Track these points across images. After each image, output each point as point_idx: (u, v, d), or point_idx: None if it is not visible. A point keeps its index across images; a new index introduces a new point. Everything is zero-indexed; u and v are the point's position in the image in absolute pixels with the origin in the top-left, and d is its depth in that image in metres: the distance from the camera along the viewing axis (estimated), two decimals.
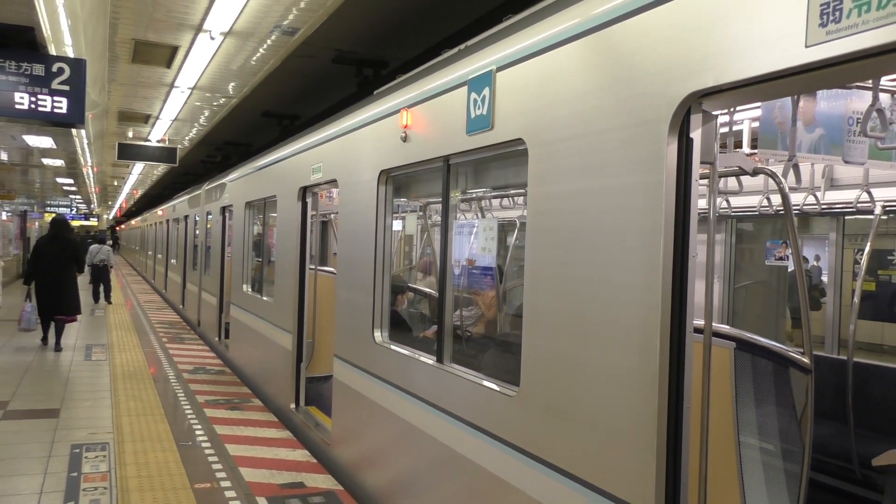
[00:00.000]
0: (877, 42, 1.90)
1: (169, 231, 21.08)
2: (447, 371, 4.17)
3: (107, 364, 10.37)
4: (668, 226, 2.55)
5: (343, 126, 6.05)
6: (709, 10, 2.41)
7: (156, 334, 13.75)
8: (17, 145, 12.79)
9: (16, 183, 22.74)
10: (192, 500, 5.21)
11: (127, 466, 5.86)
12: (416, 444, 4.47)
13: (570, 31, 3.11)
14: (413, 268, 10.19)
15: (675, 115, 2.52)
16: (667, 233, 2.55)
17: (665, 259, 2.55)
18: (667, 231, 2.55)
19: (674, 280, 2.56)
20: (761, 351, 3.41)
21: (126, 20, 7.52)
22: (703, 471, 2.65)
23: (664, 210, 2.55)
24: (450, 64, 4.34)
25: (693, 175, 2.56)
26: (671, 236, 2.56)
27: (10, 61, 6.42)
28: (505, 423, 3.49)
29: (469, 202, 7.69)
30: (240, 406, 8.16)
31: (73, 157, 14.79)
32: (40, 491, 5.30)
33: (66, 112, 6.68)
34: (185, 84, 10.23)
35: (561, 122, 3.13)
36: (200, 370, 10.29)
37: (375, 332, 5.20)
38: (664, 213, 2.55)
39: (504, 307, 5.83)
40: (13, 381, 9.00)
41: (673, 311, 2.56)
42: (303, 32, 7.33)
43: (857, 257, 7.11)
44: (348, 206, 5.83)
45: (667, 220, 2.55)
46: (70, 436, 6.71)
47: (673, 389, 2.56)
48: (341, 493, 5.45)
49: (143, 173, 25.72)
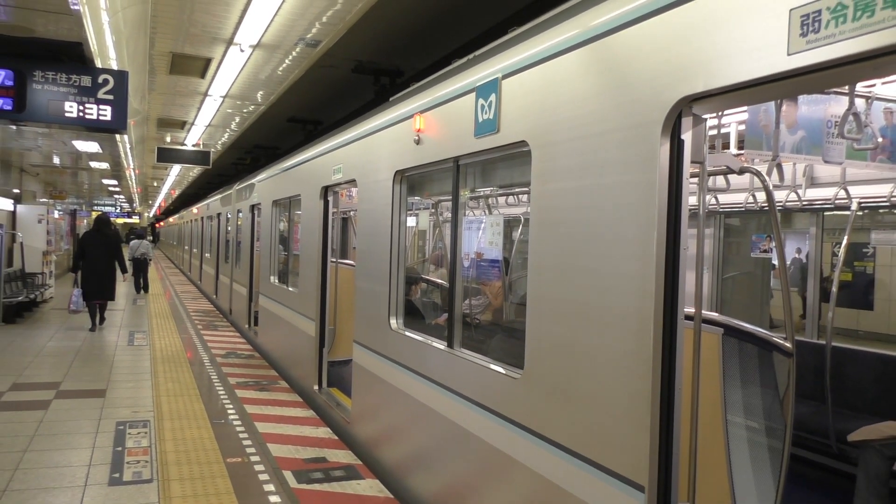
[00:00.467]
0: (852, 51, 1.88)
1: (203, 227, 21.15)
2: (457, 355, 4.15)
3: (148, 349, 10.42)
4: (661, 220, 2.53)
5: (361, 130, 6.03)
6: (699, 20, 2.38)
7: (192, 322, 13.81)
8: (68, 150, 12.89)
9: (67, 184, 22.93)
10: (224, 472, 5.22)
11: (166, 442, 5.88)
12: (429, 422, 4.46)
13: (570, 41, 3.09)
14: (426, 260, 10.19)
15: (667, 119, 2.49)
16: (660, 227, 2.53)
17: (658, 251, 2.53)
18: (660, 225, 2.53)
19: (666, 271, 2.54)
20: (747, 336, 3.38)
21: (164, 35, 7.54)
22: (693, 447, 2.63)
23: (657, 206, 2.53)
24: (459, 72, 4.32)
25: (684, 174, 2.54)
26: (664, 230, 2.54)
27: (62, 74, 6.47)
28: (510, 403, 3.48)
29: (477, 200, 7.67)
30: (268, 387, 8.17)
31: (117, 161, 14.88)
32: (89, 463, 5.33)
33: (111, 119, 6.72)
34: (218, 93, 10.25)
35: (562, 126, 3.10)
36: (232, 355, 10.32)
37: (391, 320, 5.19)
38: (657, 208, 2.53)
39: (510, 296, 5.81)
40: (65, 364, 9.06)
41: (665, 299, 2.54)
42: (325, 45, 7.33)
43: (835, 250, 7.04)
44: (366, 204, 5.82)
45: (660, 215, 2.53)
46: (115, 414, 6.75)
47: (665, 372, 2.54)
48: (360, 466, 5.45)
49: (179, 175, 25.82)
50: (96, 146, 12.12)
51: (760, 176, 3.20)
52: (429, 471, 4.47)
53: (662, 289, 2.54)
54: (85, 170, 17.52)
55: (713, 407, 3.15)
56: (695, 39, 2.39)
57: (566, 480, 2.99)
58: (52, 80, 6.41)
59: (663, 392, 2.54)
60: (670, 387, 2.54)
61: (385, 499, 4.83)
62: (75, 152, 13.28)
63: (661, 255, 2.54)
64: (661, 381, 2.54)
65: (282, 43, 7.43)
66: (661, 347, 2.54)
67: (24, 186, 17.80)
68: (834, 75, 2.04)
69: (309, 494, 4.85)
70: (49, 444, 5.76)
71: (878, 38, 1.82)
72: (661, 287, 2.54)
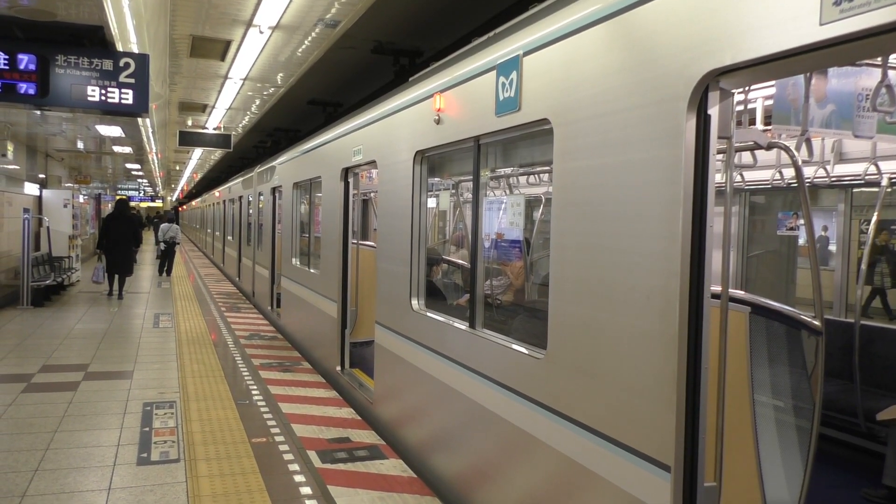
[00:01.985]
0: (888, 19, 1.81)
1: (225, 210, 21.29)
2: (479, 336, 4.14)
3: (173, 331, 10.55)
4: (687, 198, 2.48)
5: (381, 111, 6.00)
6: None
7: (215, 304, 13.94)
8: (91, 135, 13.00)
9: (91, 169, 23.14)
10: (249, 452, 5.28)
11: (192, 422, 5.96)
12: (451, 402, 4.46)
13: (592, 15, 3.02)
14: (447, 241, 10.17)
15: (693, 93, 2.43)
16: (685, 205, 2.48)
17: (684, 229, 2.49)
18: (685, 203, 2.48)
19: (692, 249, 2.50)
20: (775, 315, 3.33)
21: (184, 18, 7.54)
22: (720, 426, 2.60)
23: (683, 183, 2.48)
24: (479, 50, 4.26)
25: (710, 150, 2.48)
26: (689, 208, 2.49)
27: (84, 58, 6.50)
28: (533, 383, 3.46)
29: (498, 180, 7.62)
30: (291, 369, 8.24)
31: (139, 145, 14.97)
32: (118, 443, 5.42)
33: (132, 103, 6.75)
34: (238, 75, 10.25)
35: (584, 102, 3.05)
36: (255, 336, 10.41)
37: (413, 301, 5.19)
38: (683, 186, 2.48)
39: (531, 277, 5.78)
40: (92, 346, 9.20)
41: (692, 277, 2.50)
42: (343, 25, 7.28)
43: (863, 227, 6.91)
44: (387, 185, 5.80)
45: (685, 192, 2.48)
46: (142, 395, 6.85)
47: (692, 351, 2.51)
48: (383, 447, 5.49)
49: (201, 158, 25.96)
50: (119, 130, 12.20)
51: (789, 151, 3.13)
52: (451, 450, 4.48)
53: (688, 267, 2.50)
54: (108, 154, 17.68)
55: (740, 386, 3.11)
56: (721, 11, 2.32)
57: (590, 460, 2.97)
58: (74, 64, 6.44)
59: (689, 372, 2.51)
60: (696, 366, 2.51)
61: (408, 478, 4.86)
62: (99, 137, 13.39)
63: (687, 234, 2.49)
64: (688, 361, 2.51)
65: (301, 24, 7.39)
66: (687, 327, 2.50)
67: (49, 171, 18.01)
68: (867, 46, 1.97)
69: (333, 473, 4.89)
70: (78, 425, 5.86)
71: None
72: (686, 266, 2.50)
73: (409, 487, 4.70)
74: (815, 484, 3.31)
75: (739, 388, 3.10)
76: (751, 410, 3.12)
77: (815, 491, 4.27)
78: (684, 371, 2.51)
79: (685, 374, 2.51)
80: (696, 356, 2.50)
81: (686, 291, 2.50)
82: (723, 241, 2.62)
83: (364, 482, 4.77)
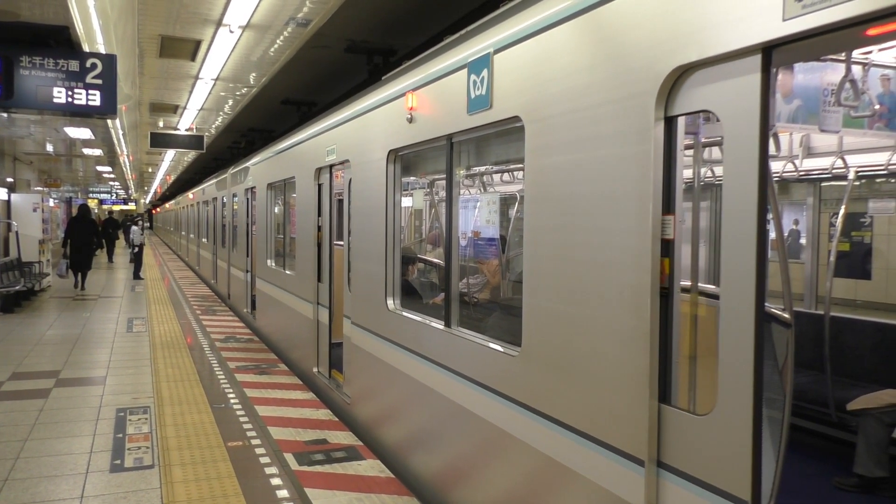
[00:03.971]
0: (849, 14, 1.84)
1: (199, 212, 21.08)
2: (455, 334, 4.14)
3: (147, 335, 10.42)
4: (657, 193, 2.50)
5: (354, 110, 5.97)
6: None
7: (190, 307, 13.80)
8: (60, 137, 12.81)
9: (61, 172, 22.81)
10: (225, 456, 5.23)
11: (167, 427, 5.89)
12: (428, 401, 4.46)
13: (562, 13, 3.03)
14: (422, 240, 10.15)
15: (661, 89, 2.45)
16: (655, 200, 2.50)
17: (654, 225, 2.50)
18: (655, 198, 2.50)
19: (663, 244, 2.51)
20: None
21: (152, 17, 7.45)
22: None
23: (652, 179, 2.49)
24: (451, 49, 4.26)
25: (679, 146, 2.50)
26: (659, 203, 2.51)
27: (49, 59, 6.40)
28: (508, 381, 3.47)
29: (472, 178, 7.61)
30: (267, 371, 8.18)
31: (110, 147, 14.80)
32: (90, 450, 5.34)
33: (100, 104, 6.65)
34: (209, 75, 10.16)
35: (555, 99, 3.06)
36: (231, 339, 10.32)
37: (388, 300, 5.17)
38: (652, 181, 2.49)
39: (507, 274, 5.79)
40: (64, 352, 9.06)
41: (662, 272, 2.52)
42: (316, 24, 7.24)
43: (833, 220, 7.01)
44: (360, 184, 5.77)
45: (655, 188, 2.50)
46: (115, 401, 6.75)
47: (663, 345, 2.52)
48: (361, 447, 5.47)
49: (174, 160, 25.70)
50: (89, 133, 12.04)
51: None
52: (429, 450, 4.47)
53: (659, 262, 2.52)
54: (79, 157, 17.44)
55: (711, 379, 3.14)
56: (688, 7, 2.34)
57: (565, 456, 2.98)
58: (39, 65, 6.34)
59: (661, 366, 2.53)
60: (668, 361, 2.52)
61: (386, 478, 4.84)
62: (68, 139, 13.21)
63: (658, 229, 2.51)
64: (660, 356, 2.52)
65: (272, 23, 7.34)
66: (658, 321, 2.52)
67: (18, 175, 17.71)
68: (830, 40, 2.00)
69: (310, 476, 4.86)
70: (50, 433, 5.77)
71: (872, 2, 1.78)
72: (657, 260, 2.51)
73: (387, 488, 4.69)
74: (787, 473, 3.35)
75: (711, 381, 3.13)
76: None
77: (787, 480, 4.32)
78: (656, 365, 2.52)
79: (658, 368, 2.52)
80: (668, 351, 2.52)
81: (658, 286, 2.52)
82: (691, 235, 2.64)
83: (342, 483, 4.75)
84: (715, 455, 2.31)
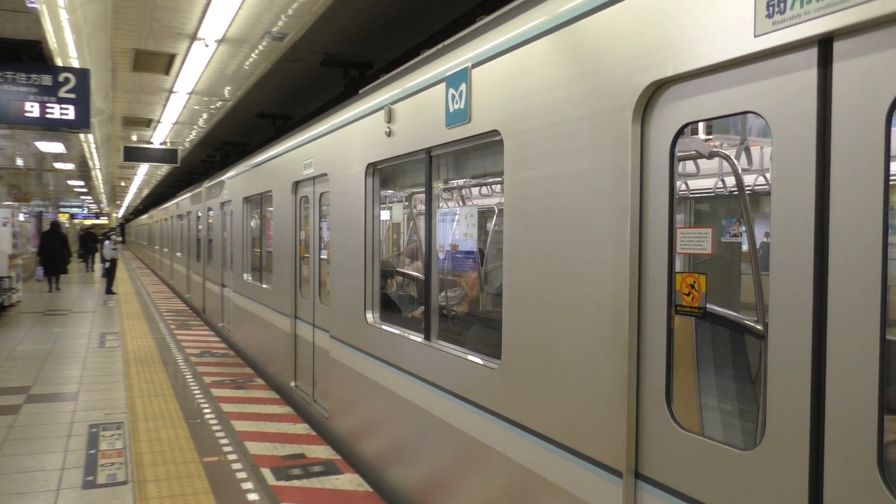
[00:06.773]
0: (818, 31, 1.89)
1: (173, 226, 20.86)
2: (434, 347, 4.14)
3: (120, 350, 10.26)
4: (634, 206, 2.53)
5: (332, 124, 5.97)
6: (666, 3, 2.38)
7: (164, 322, 13.63)
8: (31, 151, 12.64)
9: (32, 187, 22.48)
10: (201, 472, 5.16)
11: (141, 443, 5.80)
12: (407, 415, 4.44)
13: (539, 28, 3.07)
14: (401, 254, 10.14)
15: (637, 104, 2.49)
16: (633, 213, 2.53)
17: (632, 237, 2.53)
18: (633, 211, 2.53)
19: (640, 256, 2.54)
20: (719, 319, 3.40)
21: (126, 32, 7.39)
22: None
23: (630, 192, 2.53)
24: (429, 62, 4.28)
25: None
26: (637, 216, 2.54)
27: (21, 73, 6.35)
28: (488, 394, 3.47)
29: (450, 191, 7.64)
30: (244, 385, 8.10)
31: (82, 161, 14.63)
32: (62, 467, 5.24)
33: (73, 118, 6.60)
34: (184, 89, 10.09)
35: (533, 113, 3.09)
36: (207, 353, 10.21)
37: (367, 314, 5.16)
38: (630, 194, 2.53)
39: (486, 287, 5.80)
40: (35, 368, 8.88)
41: (640, 285, 2.55)
42: (291, 38, 7.24)
43: None
44: (338, 198, 5.76)
45: (632, 201, 2.53)
46: (88, 416, 6.63)
47: (641, 357, 2.55)
48: (339, 461, 5.43)
49: (148, 174, 25.42)
50: (61, 147, 11.91)
51: (730, 160, 3.22)
52: (408, 463, 4.45)
53: (637, 274, 2.54)
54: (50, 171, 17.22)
55: (688, 391, 3.17)
56: (662, 23, 2.39)
57: (544, 468, 2.99)
58: (10, 79, 6.28)
59: (639, 377, 2.55)
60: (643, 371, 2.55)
61: (364, 493, 4.81)
62: (39, 153, 13.03)
63: (635, 241, 2.54)
64: (637, 367, 2.55)
65: (247, 37, 7.32)
66: (636, 332, 2.54)
67: None
68: (799, 56, 2.05)
69: (288, 491, 4.81)
70: (20, 449, 5.65)
71: (843, 17, 1.83)
72: (635, 273, 2.54)
73: (366, 501, 4.66)
74: None
75: (687, 393, 3.16)
76: (698, 414, 3.19)
77: None
78: (634, 377, 2.55)
79: (636, 379, 2.55)
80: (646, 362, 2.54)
81: (635, 298, 2.54)
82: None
83: (319, 498, 4.71)
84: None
